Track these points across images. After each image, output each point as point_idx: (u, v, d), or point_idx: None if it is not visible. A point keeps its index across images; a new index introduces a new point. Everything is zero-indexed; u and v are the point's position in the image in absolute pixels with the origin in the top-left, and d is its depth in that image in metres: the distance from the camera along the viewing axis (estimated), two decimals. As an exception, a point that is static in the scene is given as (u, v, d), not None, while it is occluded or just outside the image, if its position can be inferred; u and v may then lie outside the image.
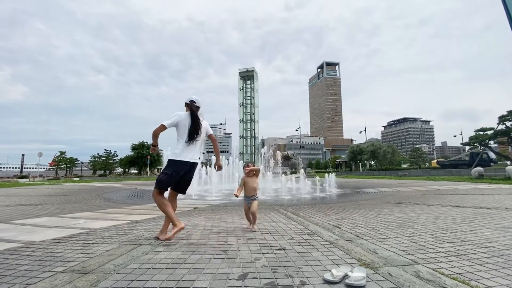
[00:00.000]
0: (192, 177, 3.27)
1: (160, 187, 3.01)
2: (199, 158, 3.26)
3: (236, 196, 3.41)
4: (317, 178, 11.51)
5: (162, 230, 3.12)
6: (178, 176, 3.05)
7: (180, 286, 1.72)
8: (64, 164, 59.84)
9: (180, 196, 3.70)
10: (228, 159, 18.09)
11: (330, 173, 12.42)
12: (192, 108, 3.24)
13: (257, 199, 3.46)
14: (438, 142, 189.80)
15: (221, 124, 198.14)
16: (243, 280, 1.79)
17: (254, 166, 3.64)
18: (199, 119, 3.23)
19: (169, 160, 3.09)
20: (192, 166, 3.15)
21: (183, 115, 3.16)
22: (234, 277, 1.85)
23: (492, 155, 39.64)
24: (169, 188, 3.14)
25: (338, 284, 1.73)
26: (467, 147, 48.54)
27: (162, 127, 3.03)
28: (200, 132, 3.21)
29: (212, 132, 3.43)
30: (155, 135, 3.08)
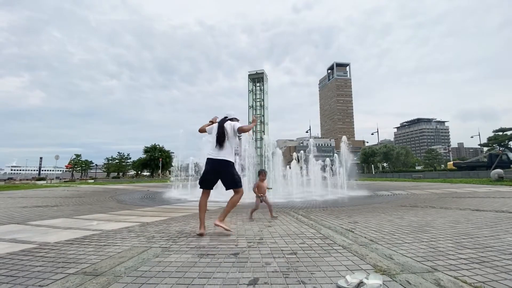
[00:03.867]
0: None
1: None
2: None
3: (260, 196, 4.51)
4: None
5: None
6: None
7: (189, 290, 1.69)
8: (79, 167, 61.69)
9: (189, 198, 3.77)
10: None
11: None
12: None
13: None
14: (454, 143, 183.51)
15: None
16: (253, 286, 1.75)
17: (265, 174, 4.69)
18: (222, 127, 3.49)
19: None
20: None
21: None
22: (245, 282, 1.81)
23: (513, 156, 37.97)
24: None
25: (353, 291, 1.65)
26: (485, 148, 46.84)
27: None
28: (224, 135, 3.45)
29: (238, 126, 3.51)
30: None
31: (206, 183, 3.38)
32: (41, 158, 65.12)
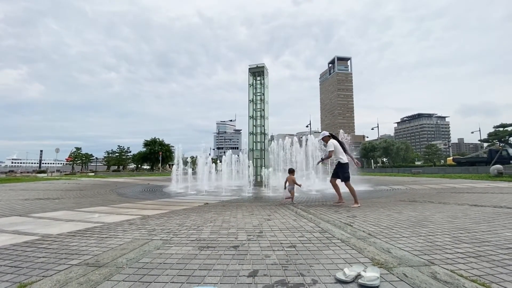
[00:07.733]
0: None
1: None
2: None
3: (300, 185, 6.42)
4: None
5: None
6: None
7: (190, 281, 1.72)
8: (80, 160, 61.84)
9: (191, 191, 3.77)
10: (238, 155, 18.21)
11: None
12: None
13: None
14: (454, 139, 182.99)
15: (231, 120, 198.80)
16: (253, 277, 1.78)
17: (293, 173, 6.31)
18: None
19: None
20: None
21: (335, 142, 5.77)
22: (245, 273, 1.84)
23: (512, 152, 37.93)
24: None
25: (351, 283, 1.68)
26: (485, 144, 46.82)
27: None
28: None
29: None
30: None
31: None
32: (41, 151, 65.00)
